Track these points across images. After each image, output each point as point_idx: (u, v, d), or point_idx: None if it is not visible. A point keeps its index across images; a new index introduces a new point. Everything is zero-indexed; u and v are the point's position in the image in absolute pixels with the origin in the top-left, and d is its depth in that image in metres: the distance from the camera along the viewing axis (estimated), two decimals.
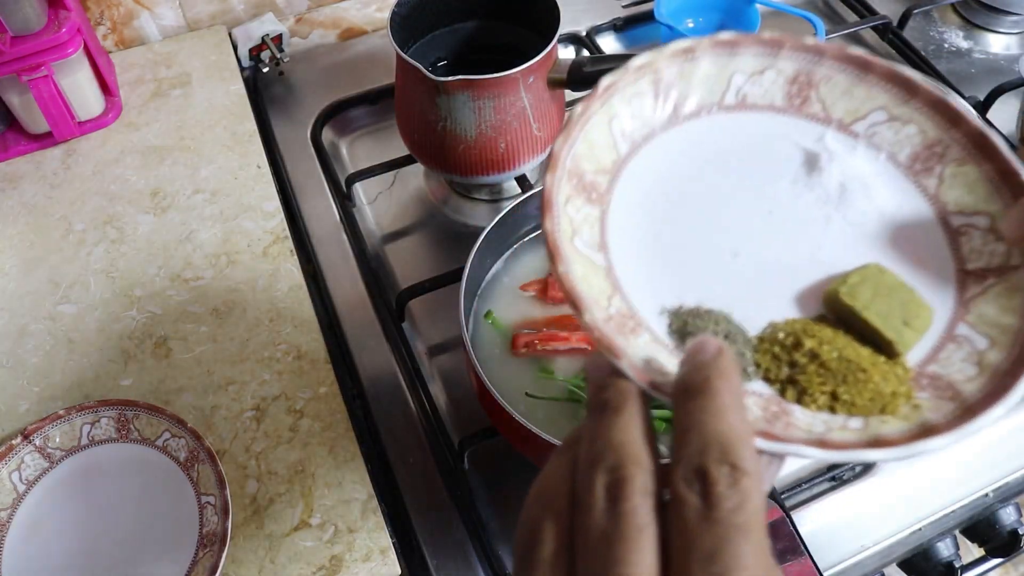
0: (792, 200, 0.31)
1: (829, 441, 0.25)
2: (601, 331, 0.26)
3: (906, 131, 0.32)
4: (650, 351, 0.27)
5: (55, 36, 0.67)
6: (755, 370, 0.27)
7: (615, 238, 0.30)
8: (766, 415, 0.26)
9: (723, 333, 0.28)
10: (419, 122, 0.65)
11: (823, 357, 0.27)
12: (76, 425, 0.56)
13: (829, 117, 0.33)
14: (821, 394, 0.26)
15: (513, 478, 0.58)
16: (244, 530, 0.53)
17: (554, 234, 0.27)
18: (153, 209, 0.70)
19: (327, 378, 0.60)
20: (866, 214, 0.31)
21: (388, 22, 0.63)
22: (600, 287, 0.28)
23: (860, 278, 0.28)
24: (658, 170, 0.32)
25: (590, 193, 0.30)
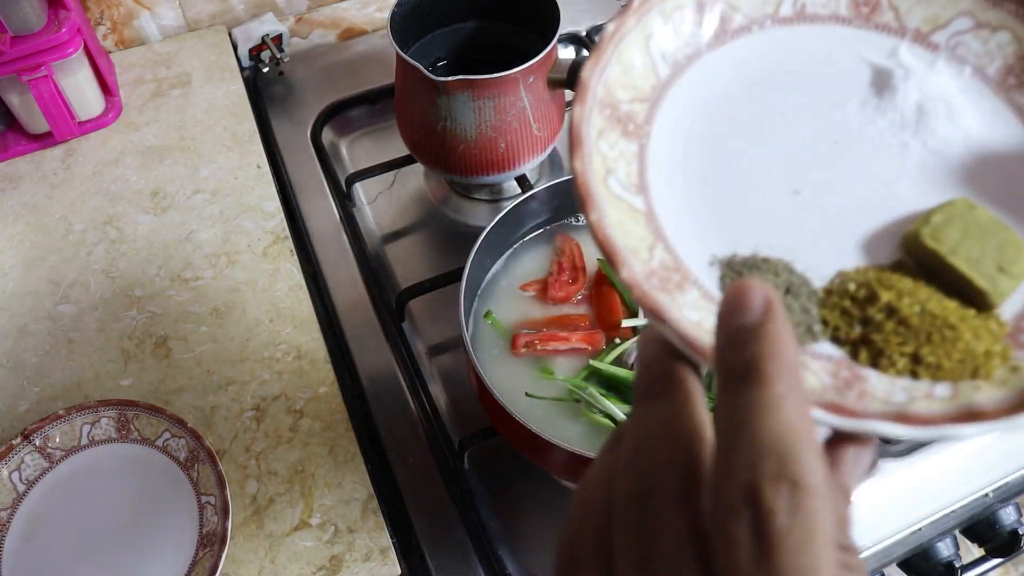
0: (861, 126, 0.27)
1: (912, 414, 0.21)
2: (642, 288, 0.22)
3: (996, 39, 0.27)
4: (700, 310, 0.23)
5: (55, 36, 0.67)
6: (822, 328, 0.24)
7: (656, 177, 0.26)
8: (836, 383, 0.22)
9: (784, 286, 0.24)
10: (419, 122, 0.65)
11: (903, 312, 0.23)
12: (76, 425, 0.56)
13: (903, 27, 0.28)
14: (901, 356, 0.23)
15: (513, 478, 0.58)
16: (244, 530, 0.53)
17: (585, 175, 0.24)
18: (153, 209, 0.70)
19: (327, 378, 0.60)
20: (950, 140, 0.27)
21: (388, 22, 0.63)
22: (639, 235, 0.24)
23: (945, 217, 0.24)
24: (705, 95, 0.28)
25: (626, 125, 0.26)
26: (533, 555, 0.55)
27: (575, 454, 0.48)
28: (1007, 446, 0.60)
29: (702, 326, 0.22)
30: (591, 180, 0.24)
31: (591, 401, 0.54)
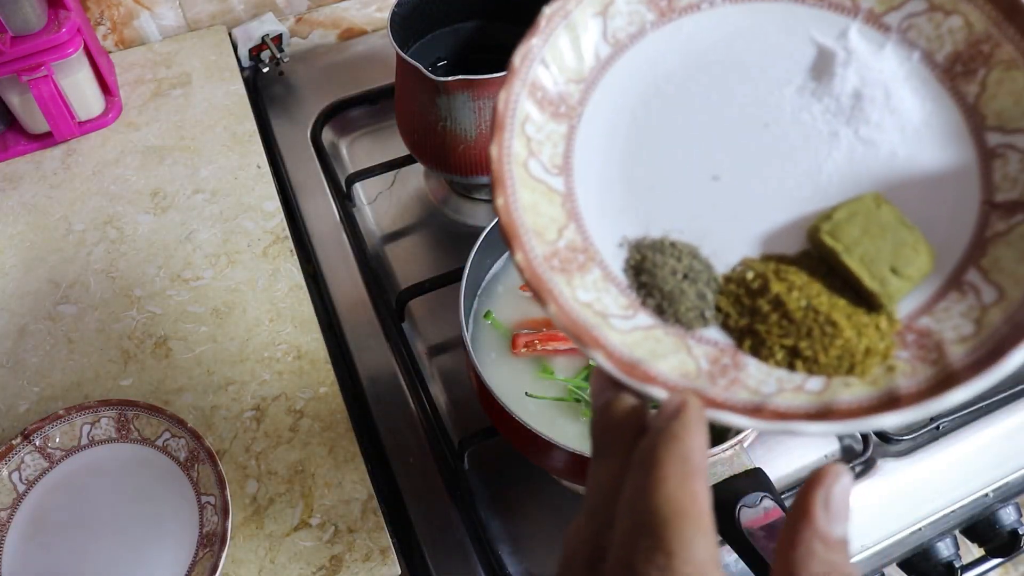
0: (795, 111, 0.27)
1: (768, 407, 0.22)
2: (533, 271, 0.23)
3: (949, 23, 0.26)
4: (597, 291, 0.24)
5: (55, 36, 0.67)
6: (714, 314, 0.24)
7: (583, 158, 0.26)
8: (712, 369, 0.23)
9: (684, 271, 0.25)
10: (419, 122, 0.65)
11: (788, 305, 0.23)
12: (76, 425, 0.56)
13: (857, 6, 0.28)
14: (780, 348, 0.23)
15: (513, 478, 0.58)
16: (244, 530, 0.53)
17: (500, 160, 0.24)
18: (153, 209, 0.70)
19: (327, 378, 0.60)
20: (882, 128, 0.26)
21: (388, 22, 0.63)
22: (551, 216, 0.25)
23: (848, 213, 0.24)
24: (644, 76, 0.27)
25: (558, 107, 0.26)
26: (533, 555, 0.55)
27: (575, 454, 0.48)
28: (1007, 446, 0.60)
29: (592, 307, 0.23)
30: (507, 165, 0.24)
31: (591, 401, 0.54)
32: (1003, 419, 0.61)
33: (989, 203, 0.25)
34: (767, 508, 0.46)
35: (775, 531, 0.47)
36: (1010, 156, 0.25)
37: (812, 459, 0.59)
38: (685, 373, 0.23)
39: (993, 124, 0.25)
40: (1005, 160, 0.25)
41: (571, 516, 0.57)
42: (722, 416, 0.21)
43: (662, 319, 0.24)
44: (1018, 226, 0.24)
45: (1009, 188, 0.24)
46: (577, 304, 0.23)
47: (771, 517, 0.47)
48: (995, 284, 0.23)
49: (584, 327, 0.23)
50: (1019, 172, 0.24)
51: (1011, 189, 0.24)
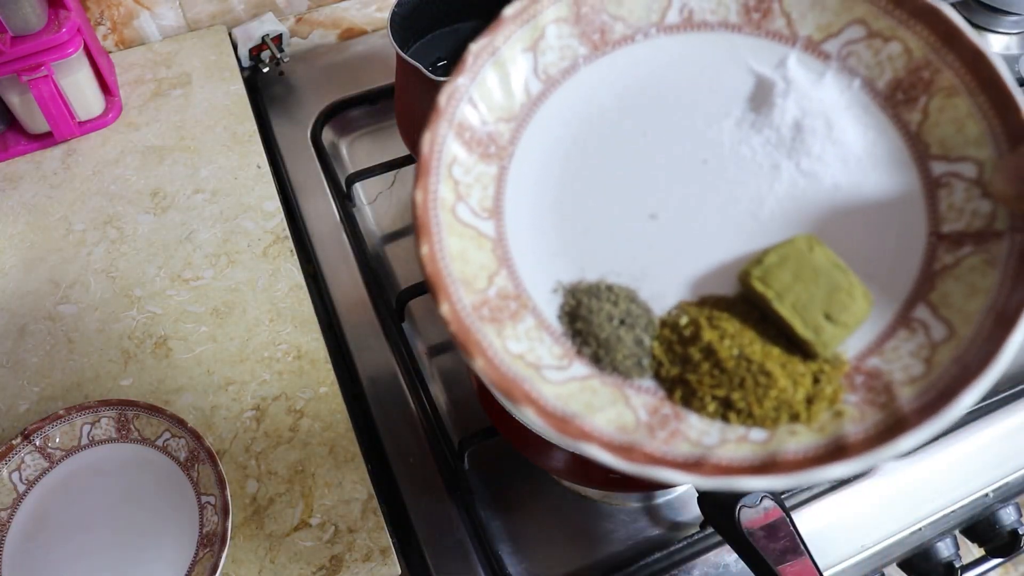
0: (734, 145, 0.26)
1: (710, 461, 0.20)
2: (460, 322, 0.22)
3: (888, 50, 0.26)
4: (530, 341, 0.23)
5: (55, 36, 0.67)
6: (650, 362, 0.23)
7: (514, 200, 0.25)
8: (651, 420, 0.22)
9: (621, 316, 0.23)
10: (419, 122, 0.65)
11: (720, 354, 0.22)
12: (76, 425, 0.56)
13: (795, 34, 0.27)
14: (712, 399, 0.22)
15: (513, 478, 0.58)
16: (244, 530, 0.53)
17: (425, 206, 0.24)
18: (153, 209, 0.70)
19: (327, 378, 0.60)
20: (824, 160, 0.25)
21: (388, 22, 0.63)
22: (481, 263, 0.24)
23: (780, 257, 0.23)
24: (577, 113, 0.27)
25: (487, 147, 0.25)
26: (533, 555, 0.55)
27: (574, 454, 0.48)
28: (1007, 446, 0.60)
29: (524, 358, 0.22)
30: (431, 211, 0.23)
31: None
32: (1003, 419, 0.61)
33: (936, 235, 0.24)
34: (767, 508, 0.46)
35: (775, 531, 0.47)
36: (955, 185, 0.24)
37: None
38: (622, 426, 0.22)
39: (937, 152, 0.25)
40: (950, 189, 0.24)
41: (571, 515, 0.58)
42: (660, 473, 0.20)
43: (599, 368, 0.23)
44: (966, 259, 0.23)
45: (955, 219, 0.23)
46: (508, 356, 0.22)
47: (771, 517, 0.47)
48: (944, 320, 0.22)
49: (514, 381, 0.22)
50: (964, 202, 0.23)
51: (957, 220, 0.23)
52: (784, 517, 0.46)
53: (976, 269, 0.22)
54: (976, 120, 0.24)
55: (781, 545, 0.46)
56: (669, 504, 0.57)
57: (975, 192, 0.23)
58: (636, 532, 0.56)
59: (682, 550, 0.54)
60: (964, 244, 0.23)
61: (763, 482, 0.20)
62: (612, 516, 0.56)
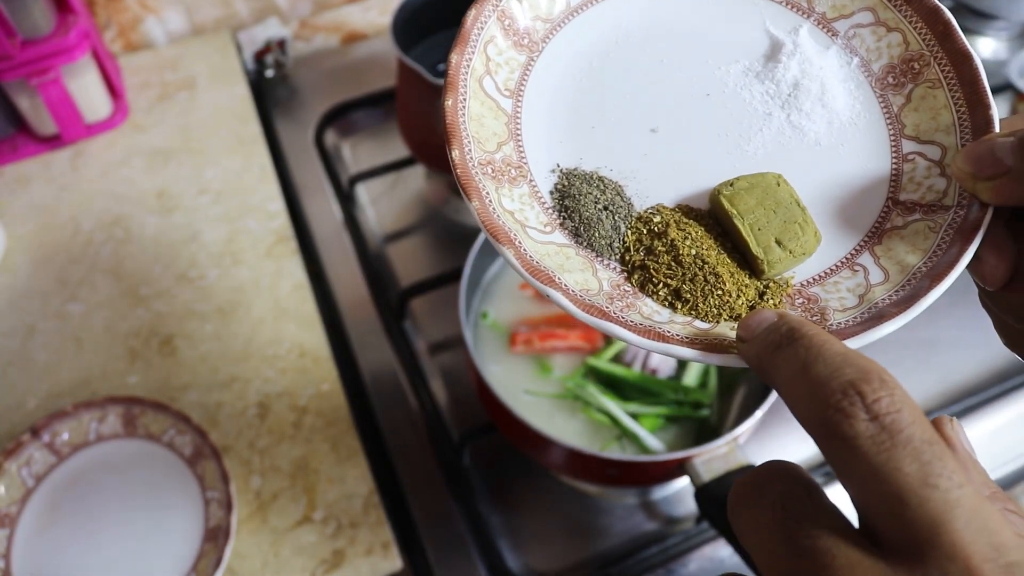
0: (737, 88, 0.29)
1: (655, 330, 0.24)
2: (466, 169, 0.25)
3: (889, 39, 0.29)
4: (521, 204, 0.26)
5: (64, 40, 0.68)
6: (620, 246, 0.27)
7: (535, 88, 0.29)
8: (612, 292, 0.25)
9: (605, 203, 0.27)
10: (420, 124, 0.66)
11: (680, 251, 0.25)
12: (84, 421, 0.57)
13: (811, 8, 0.30)
14: (664, 286, 0.25)
15: (512, 474, 0.59)
16: (248, 525, 0.54)
17: (458, 67, 0.27)
18: (159, 210, 0.71)
19: (329, 375, 0.61)
20: (812, 118, 0.29)
21: (390, 26, 0.64)
22: (494, 130, 0.27)
23: (749, 184, 0.26)
24: (607, 29, 0.30)
25: (521, 38, 0.29)
26: (532, 549, 0.56)
27: (573, 450, 0.49)
28: (1006, 445, 0.61)
29: (513, 215, 0.25)
30: (462, 73, 0.27)
31: (589, 399, 0.55)
32: (1000, 416, 0.61)
33: (892, 200, 0.27)
34: None
35: None
36: (919, 162, 0.28)
37: (806, 455, 0.60)
38: (586, 289, 0.25)
39: (910, 133, 0.28)
40: (914, 165, 0.28)
41: (569, 511, 0.58)
42: (612, 328, 0.23)
43: (576, 242, 0.26)
44: (913, 223, 0.26)
45: (913, 190, 0.27)
46: (500, 208, 0.25)
47: None
48: (883, 268, 0.26)
49: (501, 228, 0.25)
50: (924, 178, 0.27)
51: (914, 191, 0.27)
52: None
53: (920, 233, 0.26)
54: (950, 111, 0.27)
55: None
56: (666, 500, 0.58)
57: (935, 171, 0.27)
58: (633, 527, 0.56)
59: (678, 544, 0.55)
60: (915, 211, 0.27)
61: (697, 354, 0.23)
62: (609, 511, 0.57)
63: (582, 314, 0.24)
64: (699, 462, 0.49)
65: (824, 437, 0.18)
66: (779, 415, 0.61)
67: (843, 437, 0.18)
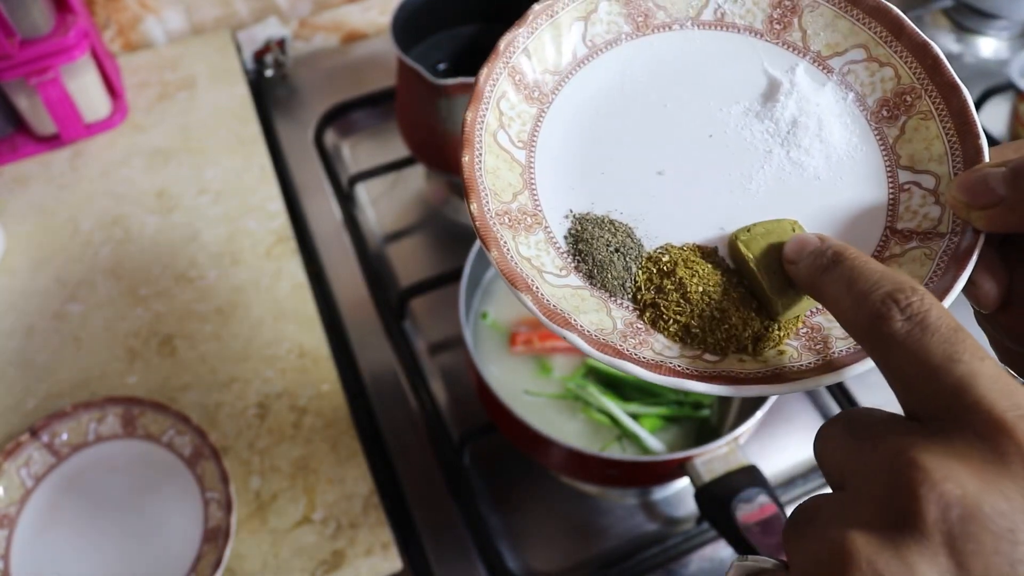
0: (739, 128, 0.31)
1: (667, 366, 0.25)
2: (484, 221, 0.27)
3: (882, 73, 0.31)
4: (538, 249, 0.28)
5: (63, 40, 0.68)
6: (632, 285, 0.28)
7: (547, 139, 0.30)
8: (626, 330, 0.27)
9: (616, 245, 0.28)
10: (420, 124, 0.66)
11: (688, 289, 0.27)
12: (83, 422, 0.57)
13: (807, 48, 0.32)
14: (674, 323, 0.27)
15: (512, 474, 0.59)
16: (248, 525, 0.54)
17: (472, 124, 0.28)
18: (159, 210, 0.71)
19: (329, 376, 0.61)
20: (811, 153, 0.30)
21: (390, 26, 0.64)
22: (509, 181, 0.29)
23: (765, 230, 0.27)
24: (612, 78, 0.32)
25: (532, 92, 0.30)
26: (532, 550, 0.56)
27: (573, 450, 0.49)
28: None
29: (531, 261, 0.27)
30: (477, 130, 0.28)
31: (589, 399, 0.55)
32: None
33: (891, 229, 0.28)
34: (762, 504, 0.47)
35: (770, 527, 0.48)
36: (915, 192, 0.29)
37: (806, 455, 0.60)
38: (601, 328, 0.26)
39: (905, 164, 0.29)
40: (910, 194, 0.29)
41: (569, 511, 0.58)
42: (626, 366, 0.25)
43: (590, 283, 0.28)
44: (911, 251, 0.27)
45: (909, 219, 0.28)
46: (518, 255, 0.27)
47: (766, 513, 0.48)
48: None
49: (520, 274, 0.26)
50: (919, 206, 0.28)
51: (910, 220, 0.28)
52: (779, 513, 0.47)
53: (917, 260, 0.27)
54: (942, 141, 0.29)
55: (776, 540, 0.47)
56: (666, 500, 0.58)
57: (930, 199, 0.28)
58: (633, 527, 0.56)
59: (678, 545, 0.55)
60: (912, 239, 0.28)
61: (707, 387, 0.25)
62: (609, 512, 0.57)
63: (598, 354, 0.25)
64: (699, 462, 0.48)
65: (869, 339, 0.21)
66: (779, 415, 0.61)
67: (884, 336, 0.21)
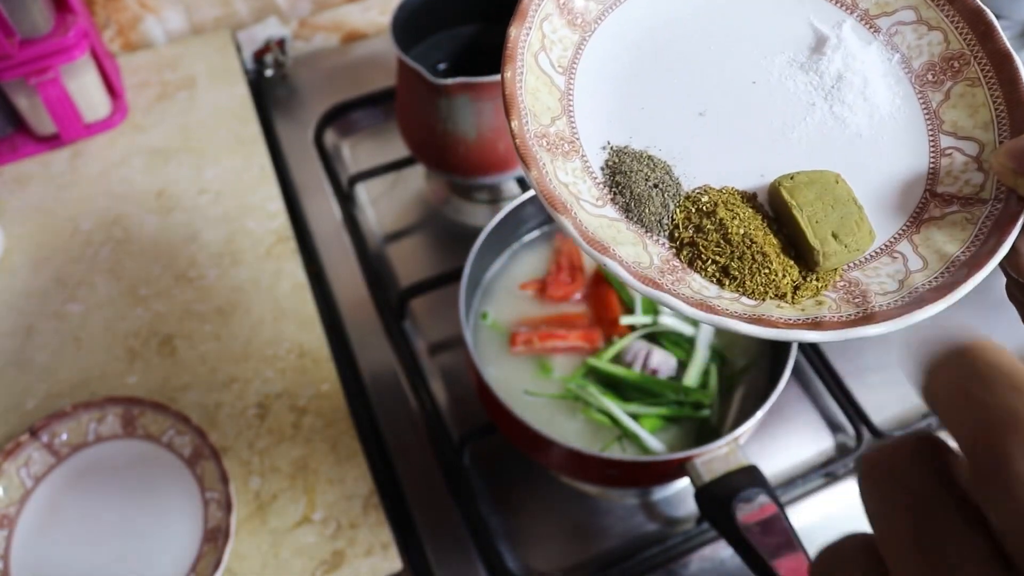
0: (783, 77, 0.30)
1: (706, 303, 0.25)
2: (524, 140, 0.26)
3: (930, 37, 0.30)
4: (575, 177, 0.27)
5: (62, 40, 0.68)
6: (669, 223, 0.27)
7: (587, 67, 0.30)
8: (663, 266, 0.26)
9: (655, 181, 0.28)
10: (420, 124, 0.66)
11: (729, 230, 0.26)
12: (83, 422, 0.57)
13: (855, 5, 0.31)
14: (712, 263, 0.26)
15: (512, 474, 0.59)
16: (248, 525, 0.54)
17: (515, 41, 0.28)
18: (158, 210, 0.71)
19: (329, 376, 0.61)
20: (854, 110, 0.29)
21: (390, 25, 0.64)
22: (547, 104, 0.28)
23: (809, 179, 0.27)
24: (660, 13, 0.31)
25: (575, 17, 0.30)
26: (532, 550, 0.56)
27: (573, 451, 0.49)
28: None
29: (568, 187, 0.26)
30: (520, 47, 0.28)
31: (589, 399, 0.55)
32: None
33: (931, 192, 0.28)
34: (762, 504, 0.47)
35: (770, 526, 0.48)
36: (956, 157, 0.28)
37: (806, 455, 0.60)
38: (639, 262, 0.26)
39: (948, 129, 0.29)
40: (952, 160, 0.28)
41: (569, 512, 0.58)
42: (666, 299, 0.24)
43: (627, 217, 0.27)
44: (951, 215, 0.27)
45: (951, 184, 0.28)
46: (556, 180, 0.26)
47: (766, 513, 0.48)
48: (922, 256, 0.27)
49: (559, 197, 0.26)
50: (961, 172, 0.28)
51: (951, 184, 0.28)
52: (779, 513, 0.47)
53: (957, 224, 0.27)
54: (988, 109, 0.28)
55: (776, 540, 0.47)
56: (666, 500, 0.58)
57: (972, 166, 0.28)
58: (633, 527, 0.56)
59: (678, 545, 0.55)
60: (952, 204, 0.27)
61: (747, 327, 0.24)
62: (609, 512, 0.57)
63: (637, 284, 0.24)
64: (699, 463, 0.48)
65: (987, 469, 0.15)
66: (779, 415, 0.61)
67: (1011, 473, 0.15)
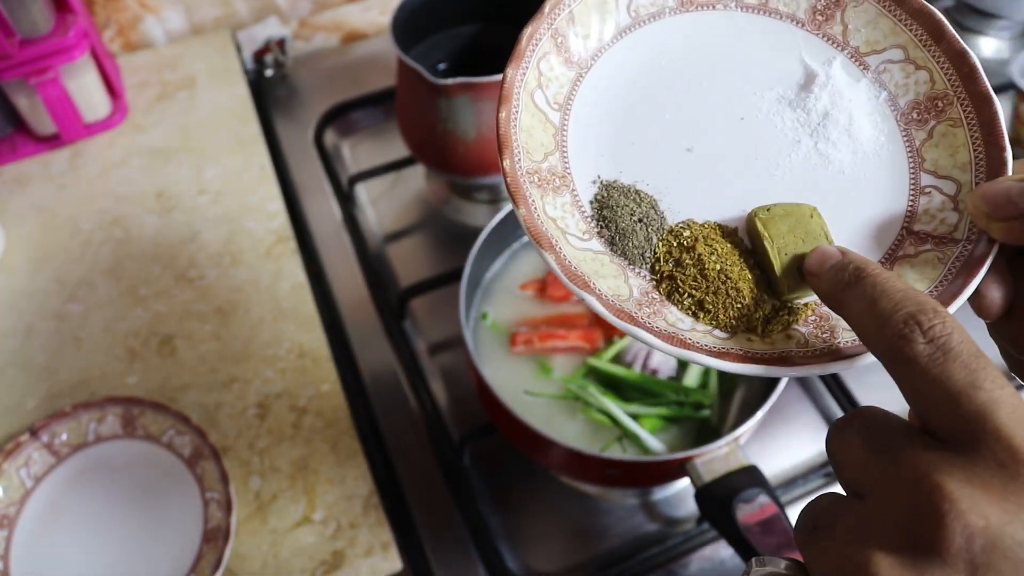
0: (770, 114, 0.31)
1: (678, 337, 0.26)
2: (515, 178, 0.27)
3: (917, 76, 0.31)
4: (564, 211, 0.28)
5: (62, 40, 0.68)
6: (651, 256, 0.29)
7: (582, 103, 0.31)
8: (642, 299, 0.27)
9: (640, 215, 0.29)
10: (420, 124, 0.66)
11: (705, 265, 0.27)
12: (83, 422, 0.57)
13: (846, 42, 0.32)
14: (689, 296, 0.27)
15: (512, 474, 0.59)
16: (248, 525, 0.54)
17: (511, 82, 0.29)
18: (158, 210, 0.71)
19: (329, 376, 0.61)
20: (838, 147, 0.30)
21: (390, 26, 0.64)
22: (542, 141, 0.29)
23: (785, 211, 0.28)
24: (653, 50, 0.32)
25: (572, 56, 0.31)
26: (532, 550, 0.55)
27: (573, 451, 0.49)
28: None
29: (556, 222, 0.28)
30: (516, 87, 0.29)
31: (589, 399, 0.55)
32: None
33: (907, 229, 0.29)
34: (763, 504, 0.47)
35: (770, 527, 0.48)
36: (935, 196, 0.29)
37: (806, 456, 0.60)
38: (618, 294, 0.27)
39: (929, 168, 0.30)
40: (930, 198, 0.29)
41: (569, 511, 0.58)
42: (639, 333, 0.26)
43: (611, 250, 0.28)
44: (924, 253, 0.28)
45: (927, 222, 0.29)
46: (544, 215, 0.27)
47: (766, 513, 0.48)
48: None
49: (545, 233, 0.27)
50: (938, 211, 0.29)
51: (928, 223, 0.29)
52: (779, 513, 0.47)
53: (929, 262, 0.28)
54: (968, 150, 0.29)
55: (776, 540, 0.47)
56: (666, 500, 0.58)
57: (949, 205, 0.29)
58: (633, 528, 0.56)
59: (678, 545, 0.55)
60: (927, 242, 0.28)
61: (716, 362, 0.25)
62: (609, 512, 0.57)
63: (613, 318, 0.26)
64: (700, 463, 0.48)
65: (890, 360, 0.22)
66: (779, 415, 0.61)
67: (905, 358, 0.21)
